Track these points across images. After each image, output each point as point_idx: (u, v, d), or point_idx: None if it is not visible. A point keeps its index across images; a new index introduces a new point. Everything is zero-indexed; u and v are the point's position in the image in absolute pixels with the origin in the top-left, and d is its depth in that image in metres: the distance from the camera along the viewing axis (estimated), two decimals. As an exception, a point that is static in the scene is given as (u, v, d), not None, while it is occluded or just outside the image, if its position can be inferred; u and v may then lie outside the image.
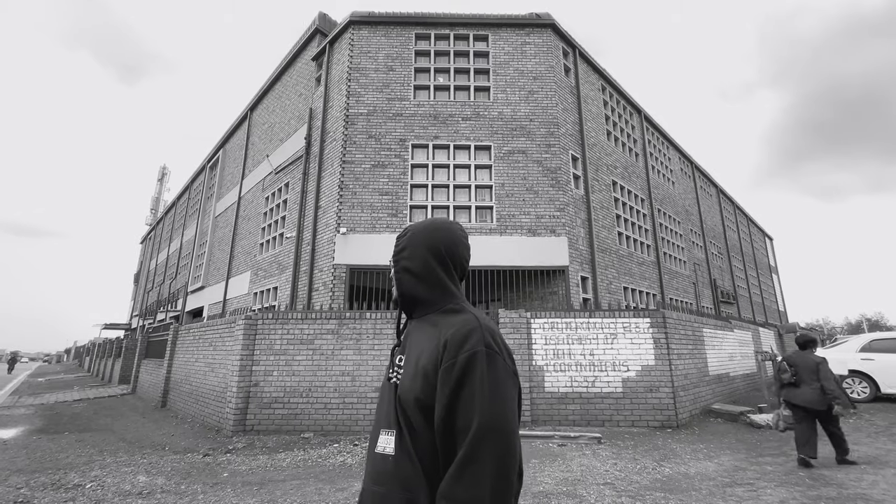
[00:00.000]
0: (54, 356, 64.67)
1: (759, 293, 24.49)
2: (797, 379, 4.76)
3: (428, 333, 1.06)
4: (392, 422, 1.01)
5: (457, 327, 1.00)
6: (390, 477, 0.96)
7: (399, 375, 1.06)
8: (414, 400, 0.97)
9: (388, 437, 1.00)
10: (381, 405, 1.09)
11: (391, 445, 0.99)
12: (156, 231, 29.58)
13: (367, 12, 10.74)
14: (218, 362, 7.72)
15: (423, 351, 1.03)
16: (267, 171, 13.25)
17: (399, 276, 1.14)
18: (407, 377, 1.03)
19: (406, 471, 0.95)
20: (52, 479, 4.51)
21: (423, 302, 1.12)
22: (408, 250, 1.15)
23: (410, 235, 1.16)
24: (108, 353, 19.70)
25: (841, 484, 4.04)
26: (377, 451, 1.01)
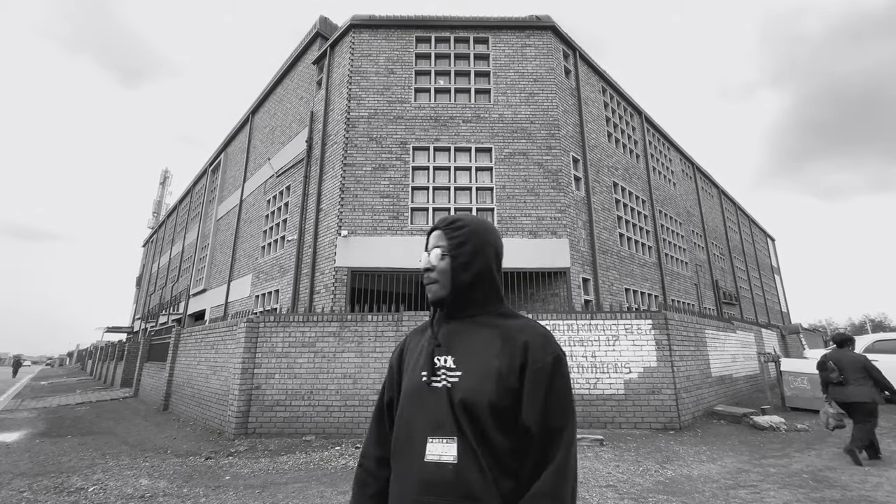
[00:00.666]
0: (57, 359, 64.81)
1: (762, 294, 24.42)
2: (844, 378, 4.77)
3: (485, 336, 1.04)
4: (448, 428, 0.95)
5: (533, 330, 1.02)
6: (452, 487, 0.91)
7: (451, 378, 1.00)
8: (487, 403, 0.94)
9: (446, 445, 0.94)
10: (419, 409, 1.00)
11: (451, 453, 0.93)
12: (158, 234, 29.67)
13: (368, 15, 10.78)
14: (220, 365, 7.73)
15: (488, 353, 1.00)
16: (268, 174, 13.28)
17: (456, 273, 1.06)
18: (471, 380, 0.98)
19: (472, 479, 0.91)
20: (54, 483, 4.51)
21: (474, 302, 1.08)
22: (468, 246, 1.08)
23: (470, 231, 1.09)
24: (110, 356, 19.73)
25: (845, 486, 4.02)
26: (429, 459, 0.94)
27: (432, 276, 1.08)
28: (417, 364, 1.07)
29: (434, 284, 1.08)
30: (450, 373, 1.01)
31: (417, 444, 0.97)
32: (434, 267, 1.08)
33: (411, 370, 1.08)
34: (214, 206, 17.91)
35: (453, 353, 1.03)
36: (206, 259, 17.01)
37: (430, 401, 0.99)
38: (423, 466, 0.95)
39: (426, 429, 0.97)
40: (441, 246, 1.09)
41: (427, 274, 1.09)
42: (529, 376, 0.97)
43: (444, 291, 1.07)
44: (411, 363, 1.10)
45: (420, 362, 1.07)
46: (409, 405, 1.03)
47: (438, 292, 1.07)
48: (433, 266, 1.08)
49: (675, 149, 17.43)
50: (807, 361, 8.30)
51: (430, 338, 1.08)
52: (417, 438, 0.98)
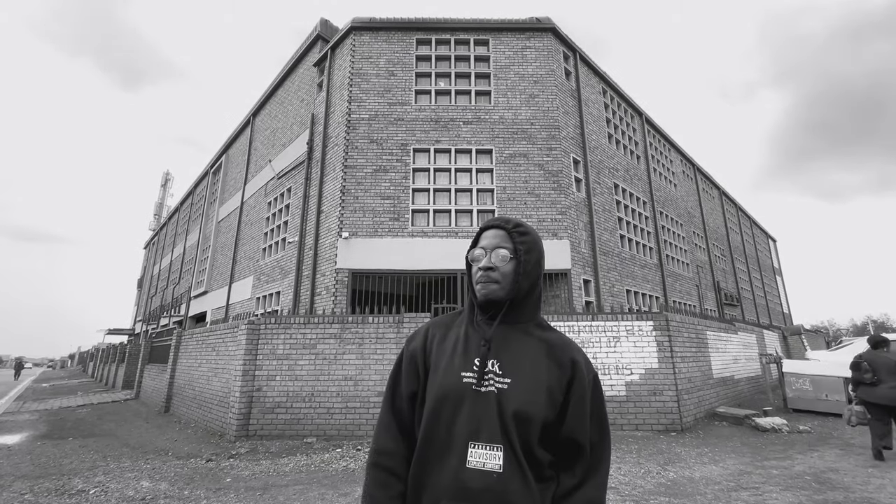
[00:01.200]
0: (58, 361, 64.86)
1: (763, 295, 24.37)
2: (876, 378, 4.84)
3: (531, 345, 1.04)
4: (496, 435, 0.93)
5: (577, 348, 1.08)
6: (494, 496, 0.90)
7: (500, 384, 0.98)
8: (538, 414, 0.96)
9: (492, 452, 0.92)
10: (460, 411, 0.96)
11: (497, 461, 0.92)
12: (159, 236, 29.72)
13: (369, 18, 10.81)
14: (221, 367, 7.73)
15: (536, 364, 1.01)
16: (269, 176, 13.31)
17: (519, 278, 1.04)
18: (521, 389, 0.97)
19: (516, 489, 0.91)
20: (56, 485, 4.52)
21: (525, 309, 1.07)
22: (533, 254, 1.07)
23: (534, 240, 1.08)
24: (111, 358, 19.75)
25: (847, 487, 4.00)
26: (472, 466, 0.92)
27: (494, 275, 1.03)
28: (454, 361, 1.02)
29: (493, 284, 1.03)
30: (497, 378, 0.98)
31: (457, 448, 0.94)
32: (496, 267, 1.04)
33: (446, 368, 1.02)
34: (216, 208, 17.93)
35: (499, 358, 1.01)
36: (207, 261, 17.03)
37: (475, 404, 0.96)
38: (463, 472, 0.92)
39: (468, 433, 0.94)
40: (507, 248, 1.05)
41: (488, 273, 1.04)
42: (576, 392, 1.01)
43: (503, 293, 1.04)
44: (444, 358, 1.04)
45: (458, 360, 1.02)
46: (447, 405, 0.98)
47: (497, 293, 1.03)
48: (496, 266, 1.04)
49: (676, 150, 17.43)
50: (809, 363, 8.28)
51: (476, 338, 1.04)
52: (457, 442, 0.94)
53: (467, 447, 0.93)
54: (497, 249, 1.05)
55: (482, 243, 1.08)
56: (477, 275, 1.06)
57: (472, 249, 1.10)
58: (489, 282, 1.03)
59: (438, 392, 1.00)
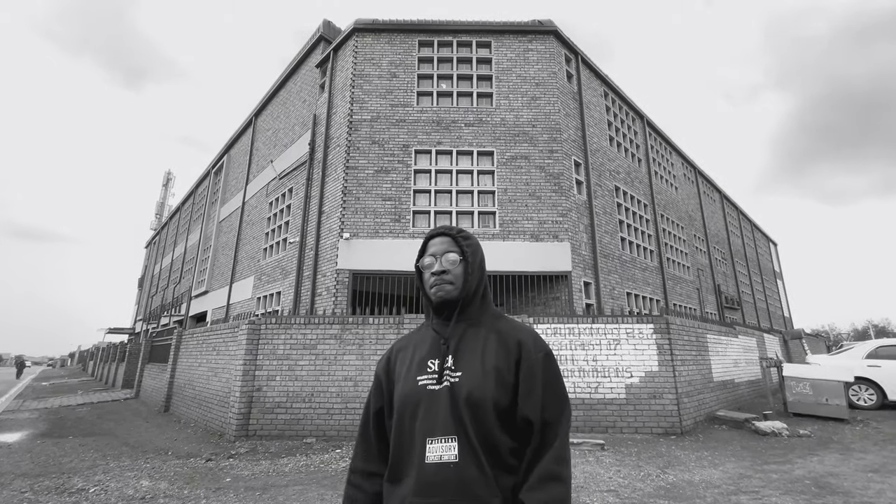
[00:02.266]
0: (58, 360, 64.89)
1: (764, 299, 24.34)
2: None
3: (481, 337, 1.09)
4: (449, 427, 0.97)
5: (524, 331, 1.09)
6: (453, 486, 0.93)
7: (452, 378, 1.02)
8: (488, 399, 0.98)
9: (447, 444, 0.96)
10: (417, 413, 1.01)
11: (452, 452, 0.95)
12: (160, 236, 29.76)
13: (371, 20, 10.85)
14: (221, 367, 7.74)
15: (485, 352, 1.05)
16: (271, 176, 13.34)
17: (468, 278, 1.12)
18: (472, 379, 1.01)
19: (473, 477, 0.93)
20: (55, 483, 4.52)
21: (476, 306, 1.14)
22: (478, 255, 1.17)
23: (476, 244, 1.19)
24: (111, 357, 19.77)
25: (847, 492, 4.00)
26: (430, 461, 0.95)
27: (447, 277, 1.11)
28: (412, 369, 1.09)
29: (448, 286, 1.11)
30: (451, 374, 1.03)
31: (417, 448, 0.98)
32: (448, 270, 1.12)
33: (405, 376, 1.09)
34: (217, 207, 17.96)
35: (455, 355, 1.06)
36: (208, 261, 17.06)
37: (430, 403, 1.01)
38: (422, 468, 0.96)
39: (425, 431, 0.98)
40: (455, 251, 1.14)
41: (442, 276, 1.12)
42: (524, 371, 1.02)
43: (456, 293, 1.11)
44: (403, 369, 1.11)
45: (415, 367, 1.08)
46: (406, 411, 1.03)
47: (451, 293, 1.11)
48: (448, 269, 1.12)
49: (677, 153, 17.44)
50: (809, 367, 8.27)
51: (432, 341, 1.11)
52: (417, 442, 0.99)
53: (425, 444, 0.97)
54: (447, 254, 1.14)
55: (430, 251, 1.16)
56: (430, 280, 1.13)
57: (421, 258, 1.17)
58: (443, 283, 1.11)
59: (398, 401, 1.07)
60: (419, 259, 1.18)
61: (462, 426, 0.96)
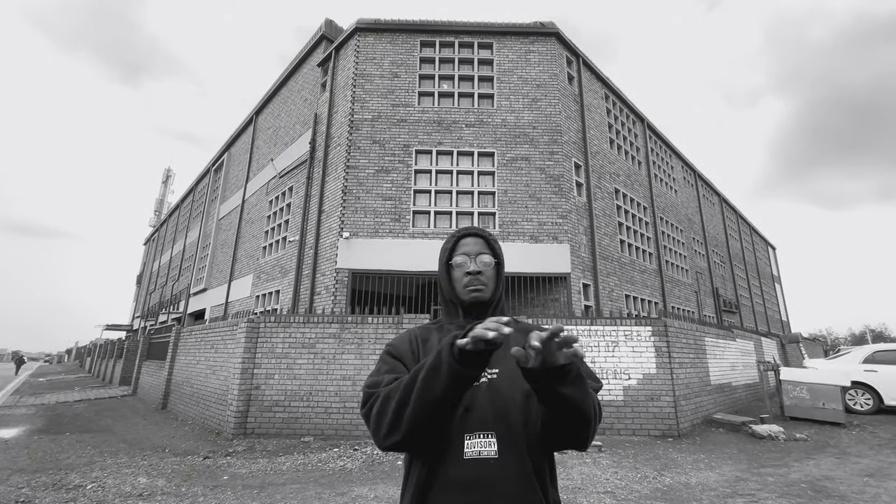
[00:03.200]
0: (55, 356, 64.75)
1: (762, 303, 24.39)
2: None
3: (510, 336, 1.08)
4: (488, 423, 0.97)
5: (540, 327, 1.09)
6: (494, 481, 0.93)
7: (490, 374, 1.03)
8: (529, 395, 0.99)
9: (486, 440, 0.96)
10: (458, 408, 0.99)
11: (492, 448, 0.95)
12: (159, 233, 29.72)
13: (373, 19, 10.86)
14: (219, 365, 7.73)
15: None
16: (271, 174, 13.33)
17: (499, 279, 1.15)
18: (509, 375, 1.02)
19: (514, 472, 0.94)
20: (53, 480, 4.52)
21: (502, 306, 1.17)
22: (502, 257, 1.19)
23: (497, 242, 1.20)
24: (109, 354, 19.73)
25: (843, 496, 4.02)
26: (469, 457, 0.95)
27: (482, 279, 1.12)
28: None
29: (483, 287, 1.12)
30: (488, 371, 1.04)
31: (454, 443, 0.97)
32: (483, 272, 1.13)
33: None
34: (216, 205, 17.95)
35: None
36: (207, 258, 17.04)
37: (468, 398, 0.99)
38: (460, 464, 0.95)
39: (463, 426, 0.98)
40: (489, 253, 1.16)
41: (479, 276, 1.12)
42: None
43: (489, 295, 1.13)
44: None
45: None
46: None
47: (485, 294, 1.12)
48: (483, 271, 1.13)
49: (677, 156, 17.47)
50: (806, 371, 8.30)
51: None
52: (454, 436, 0.97)
53: (463, 439, 0.96)
54: (481, 255, 1.14)
55: (463, 250, 1.16)
56: (465, 279, 1.13)
57: (453, 256, 1.16)
58: (479, 285, 1.12)
59: None
60: (449, 257, 1.17)
61: (503, 422, 0.97)
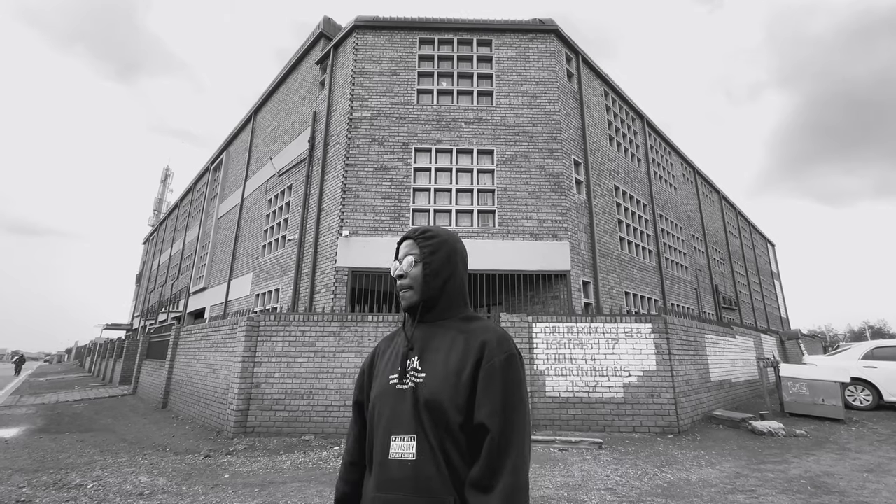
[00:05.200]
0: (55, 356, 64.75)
1: (761, 299, 24.42)
2: None
3: (450, 338, 1.08)
4: (410, 426, 1.00)
5: (490, 332, 1.06)
6: (410, 483, 0.96)
7: (417, 379, 1.04)
8: (447, 400, 0.99)
9: (408, 443, 0.99)
10: (384, 411, 1.05)
11: (411, 450, 0.98)
12: (158, 232, 29.68)
13: (372, 17, 10.82)
14: (219, 364, 7.73)
15: (450, 353, 1.05)
16: (270, 173, 13.31)
17: (428, 279, 1.11)
18: (434, 380, 1.02)
19: (429, 475, 0.95)
20: (53, 479, 4.52)
21: (442, 307, 1.13)
22: (439, 255, 1.14)
23: (440, 241, 1.15)
24: (109, 353, 19.73)
25: (843, 492, 4.02)
26: (392, 457, 0.99)
27: (405, 282, 1.12)
28: (387, 368, 1.12)
29: (408, 291, 1.12)
30: (416, 374, 1.05)
31: (383, 444, 1.02)
32: (407, 274, 1.12)
33: (381, 374, 1.13)
34: (216, 204, 17.92)
35: (421, 355, 1.08)
36: (206, 257, 17.02)
37: (396, 402, 1.04)
38: (386, 464, 1.00)
39: (391, 428, 1.02)
40: (414, 254, 1.13)
41: (400, 281, 1.13)
42: (483, 372, 1.00)
43: (417, 297, 1.11)
44: (381, 367, 1.15)
45: (389, 366, 1.11)
46: (378, 407, 1.07)
47: (412, 298, 1.12)
48: (406, 273, 1.12)
49: (677, 153, 17.46)
50: (806, 367, 8.31)
51: (403, 342, 1.13)
52: (383, 438, 1.02)
53: (389, 440, 1.01)
54: (406, 258, 1.14)
55: (398, 255, 1.17)
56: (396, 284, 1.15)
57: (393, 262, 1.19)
58: (403, 288, 1.12)
59: (372, 398, 1.11)
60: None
61: (421, 426, 0.99)
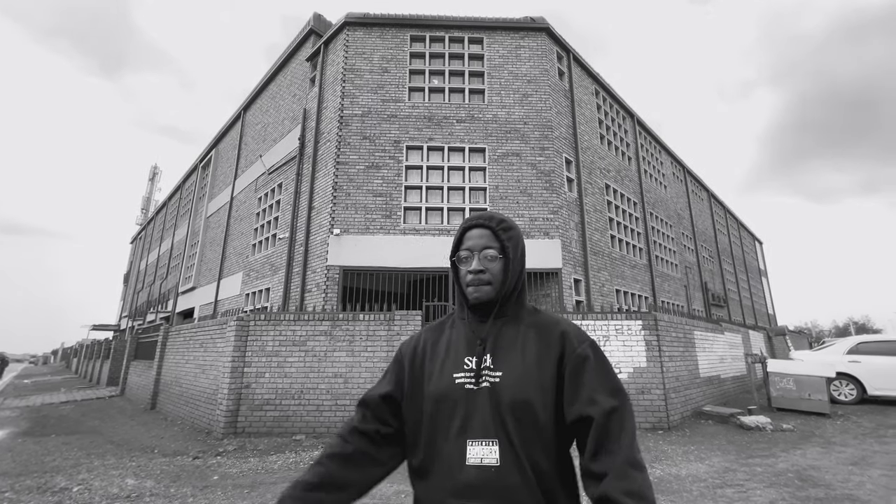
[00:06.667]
0: (41, 357, 63.60)
1: (749, 296, 24.77)
2: None
3: (521, 334, 1.02)
4: (490, 430, 0.93)
5: (563, 323, 1.04)
6: (495, 490, 0.89)
7: (492, 378, 0.97)
8: (536, 400, 0.93)
9: (489, 447, 0.91)
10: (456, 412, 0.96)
11: (494, 455, 0.91)
12: (146, 231, 29.25)
13: (363, 13, 10.74)
14: (209, 364, 7.64)
15: (526, 350, 0.99)
16: (260, 171, 13.17)
17: (510, 275, 1.04)
18: (513, 378, 0.96)
19: (514, 482, 0.89)
20: (37, 483, 4.43)
21: (515, 302, 1.06)
22: (519, 248, 1.07)
23: (518, 234, 1.08)
24: (96, 354, 19.42)
25: (829, 485, 4.09)
26: (471, 463, 0.91)
27: (485, 277, 1.02)
28: (446, 365, 1.03)
29: (486, 286, 1.02)
30: (490, 374, 0.98)
31: (455, 448, 0.93)
32: (487, 269, 1.03)
33: (439, 371, 1.03)
34: (205, 202, 17.70)
35: (493, 353, 1.01)
36: (195, 256, 16.82)
37: (468, 403, 0.96)
38: (461, 470, 0.91)
39: (465, 432, 0.94)
40: (494, 247, 1.04)
41: (479, 276, 1.03)
42: (570, 365, 0.96)
43: (494, 294, 1.03)
44: (437, 364, 1.04)
45: (451, 363, 1.02)
46: (442, 408, 0.98)
47: (489, 294, 1.03)
48: (486, 268, 1.03)
49: (667, 152, 17.61)
50: (792, 363, 8.44)
51: (468, 337, 1.05)
52: (455, 442, 0.94)
53: (465, 445, 0.93)
54: (485, 250, 1.04)
55: (467, 244, 1.06)
56: (467, 278, 1.04)
57: (457, 251, 1.07)
58: (481, 284, 1.02)
59: (433, 397, 1.00)
60: (454, 252, 1.08)
61: (504, 429, 0.92)
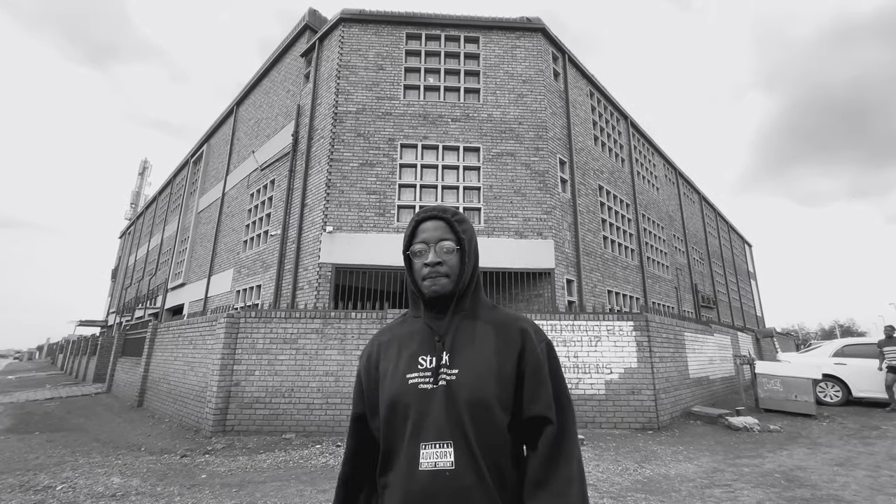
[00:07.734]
0: (25, 353, 62.52)
1: (738, 298, 25.07)
2: None
3: (479, 329, 1.00)
4: (445, 431, 0.88)
5: (522, 320, 1.02)
6: (449, 496, 0.85)
7: (449, 376, 0.93)
8: (494, 398, 0.91)
9: (442, 450, 0.87)
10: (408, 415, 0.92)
11: (448, 458, 0.87)
12: (135, 226, 28.86)
13: (358, 10, 10.67)
14: (198, 361, 7.55)
15: (484, 346, 0.97)
16: (252, 167, 13.04)
17: (466, 267, 1.01)
18: (471, 376, 0.92)
19: (470, 484, 0.86)
20: (20, 481, 4.34)
21: (467, 296, 1.03)
22: (474, 241, 1.05)
23: (471, 226, 1.06)
24: (82, 350, 19.12)
25: (814, 485, 4.15)
26: (424, 468, 0.87)
27: (443, 269, 0.99)
28: (399, 367, 0.98)
29: (444, 279, 0.99)
30: (447, 372, 0.94)
31: (408, 453, 0.89)
32: (444, 261, 1.00)
33: (393, 374, 0.98)
34: (196, 198, 17.50)
35: (450, 350, 0.97)
36: (185, 252, 16.62)
37: (421, 405, 0.91)
38: (415, 475, 0.87)
39: (418, 435, 0.90)
40: (451, 239, 1.01)
41: (436, 268, 0.99)
42: (530, 364, 0.95)
43: (452, 286, 1.00)
44: (391, 367, 1.00)
45: (404, 364, 0.98)
46: (396, 412, 0.94)
47: (447, 287, 0.99)
48: (443, 260, 1.00)
49: (659, 154, 17.75)
50: (780, 364, 8.55)
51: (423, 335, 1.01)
52: (408, 447, 0.90)
53: (419, 449, 0.89)
54: (441, 242, 1.00)
55: (422, 237, 1.02)
56: (423, 271, 1.00)
57: (410, 245, 1.03)
58: (438, 276, 0.99)
59: (386, 401, 0.96)
60: (408, 246, 1.03)
61: (460, 429, 0.88)
